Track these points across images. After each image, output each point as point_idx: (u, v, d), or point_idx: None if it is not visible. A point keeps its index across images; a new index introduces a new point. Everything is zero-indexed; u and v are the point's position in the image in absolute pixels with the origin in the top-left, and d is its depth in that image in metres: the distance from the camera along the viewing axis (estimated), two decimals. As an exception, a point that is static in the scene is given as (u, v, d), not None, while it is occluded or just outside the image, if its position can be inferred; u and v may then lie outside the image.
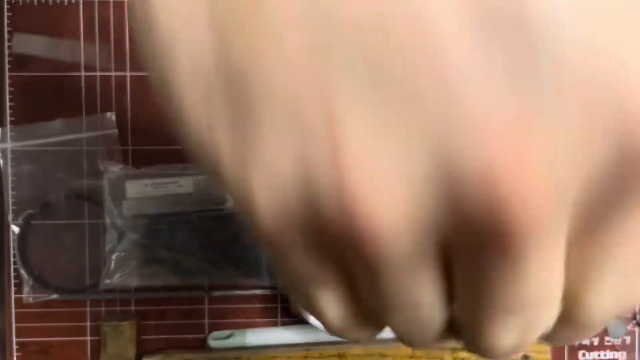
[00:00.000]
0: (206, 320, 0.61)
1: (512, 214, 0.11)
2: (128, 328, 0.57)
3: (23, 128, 0.59)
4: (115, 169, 0.59)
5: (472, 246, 0.12)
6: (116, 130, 0.60)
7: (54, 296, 0.60)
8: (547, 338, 0.19)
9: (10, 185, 0.59)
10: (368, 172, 0.11)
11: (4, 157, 0.59)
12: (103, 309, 0.60)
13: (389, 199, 0.11)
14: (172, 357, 0.58)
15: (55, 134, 0.59)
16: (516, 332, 0.16)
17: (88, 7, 0.59)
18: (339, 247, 0.13)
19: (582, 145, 0.11)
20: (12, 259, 0.60)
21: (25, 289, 0.59)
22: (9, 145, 0.59)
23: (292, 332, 0.60)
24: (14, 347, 0.60)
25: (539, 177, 0.11)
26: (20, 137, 0.59)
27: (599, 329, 0.17)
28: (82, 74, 0.59)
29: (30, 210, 0.59)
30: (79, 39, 0.59)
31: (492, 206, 0.11)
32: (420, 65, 0.11)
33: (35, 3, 0.59)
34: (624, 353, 0.62)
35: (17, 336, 0.60)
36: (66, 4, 0.59)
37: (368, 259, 0.13)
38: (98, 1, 0.59)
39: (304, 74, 0.12)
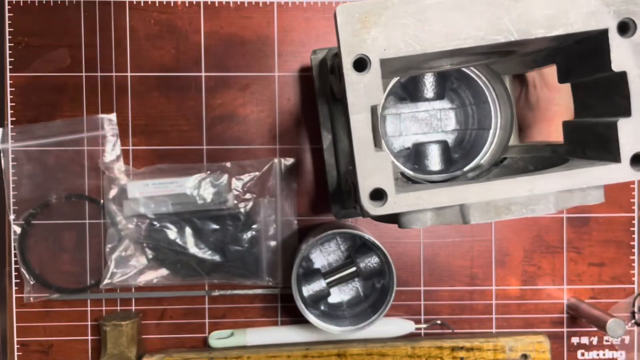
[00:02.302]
0: (206, 320, 0.61)
1: None
2: (129, 327, 0.57)
3: (24, 128, 0.59)
4: (115, 169, 0.59)
5: None
6: (116, 130, 0.60)
7: (55, 296, 0.60)
8: None
9: (11, 185, 0.59)
10: None
11: (5, 157, 0.59)
12: (103, 308, 0.61)
13: None
14: (173, 356, 0.58)
15: (56, 134, 0.59)
16: None
17: (89, 8, 0.59)
18: None
19: None
20: (13, 259, 0.60)
21: (26, 288, 0.59)
22: (9, 145, 0.59)
23: (292, 332, 0.60)
24: (15, 346, 0.60)
25: None
26: (21, 137, 0.59)
27: None
28: (83, 74, 0.60)
29: (31, 210, 0.59)
30: (79, 40, 0.59)
31: None
32: None
33: (36, 3, 0.59)
34: (623, 352, 0.62)
35: (18, 336, 0.60)
36: (67, 4, 0.59)
37: None
38: (99, 2, 0.59)
39: None
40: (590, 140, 0.38)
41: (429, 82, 0.53)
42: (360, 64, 0.32)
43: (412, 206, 0.33)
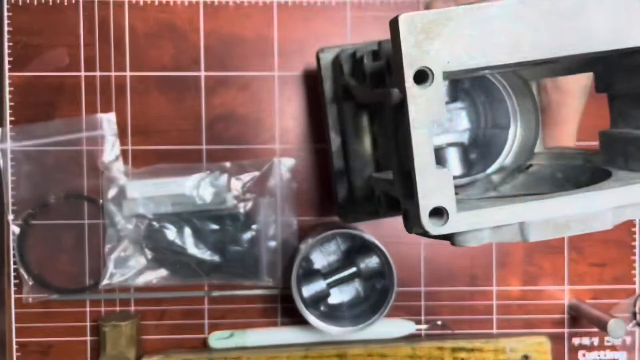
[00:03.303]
0: (206, 321, 0.61)
1: None
2: (128, 328, 0.57)
3: (23, 128, 0.59)
4: (114, 169, 0.59)
5: None
6: (115, 130, 0.60)
7: (54, 296, 0.60)
8: None
9: (10, 185, 0.59)
10: None
11: (4, 157, 0.59)
12: (103, 309, 0.60)
13: None
14: (172, 357, 0.58)
15: (55, 133, 0.59)
16: None
17: (88, 7, 0.59)
18: None
19: None
20: (11, 259, 0.60)
21: (25, 289, 0.59)
22: (8, 145, 0.59)
23: (292, 332, 0.60)
24: (14, 347, 0.60)
25: None
26: (20, 137, 0.59)
27: None
28: (82, 73, 0.59)
29: (29, 210, 0.59)
30: (78, 39, 0.59)
31: None
32: None
33: (35, 3, 0.59)
34: (624, 353, 0.62)
35: (17, 336, 0.60)
36: (66, 4, 0.59)
37: None
38: (98, 1, 0.59)
39: None
40: (634, 153, 0.38)
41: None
42: (421, 77, 0.31)
43: (472, 225, 0.32)
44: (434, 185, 0.31)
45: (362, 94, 0.43)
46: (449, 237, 0.34)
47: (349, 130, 0.50)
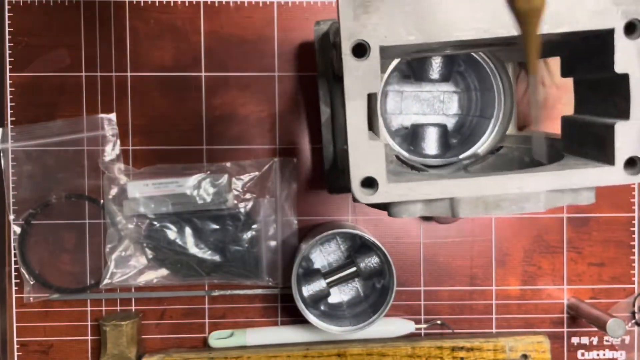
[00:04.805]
0: (206, 320, 0.61)
1: None
2: (129, 327, 0.57)
3: (24, 128, 0.59)
4: (115, 169, 0.59)
5: None
6: (116, 130, 0.60)
7: (55, 296, 0.60)
8: None
9: (11, 185, 0.59)
10: None
11: (5, 157, 0.59)
12: (103, 308, 0.61)
13: None
14: (173, 356, 0.58)
15: (55, 134, 0.59)
16: None
17: (88, 7, 0.59)
18: None
19: None
20: (12, 259, 0.60)
21: (26, 288, 0.59)
22: (9, 145, 0.59)
23: (292, 332, 0.60)
24: (15, 346, 0.60)
25: None
26: (21, 137, 0.59)
27: None
28: (83, 74, 0.60)
29: (30, 210, 0.59)
30: (79, 40, 0.59)
31: None
32: None
33: (36, 3, 0.59)
34: (623, 352, 0.62)
35: (17, 336, 0.60)
36: (66, 4, 0.59)
37: None
38: (99, 2, 0.59)
39: None
40: (588, 139, 0.38)
41: (435, 64, 0.52)
42: (360, 50, 0.32)
43: (403, 197, 0.33)
44: (365, 155, 0.32)
45: (337, 65, 0.43)
46: (386, 208, 0.35)
47: (335, 103, 0.50)
